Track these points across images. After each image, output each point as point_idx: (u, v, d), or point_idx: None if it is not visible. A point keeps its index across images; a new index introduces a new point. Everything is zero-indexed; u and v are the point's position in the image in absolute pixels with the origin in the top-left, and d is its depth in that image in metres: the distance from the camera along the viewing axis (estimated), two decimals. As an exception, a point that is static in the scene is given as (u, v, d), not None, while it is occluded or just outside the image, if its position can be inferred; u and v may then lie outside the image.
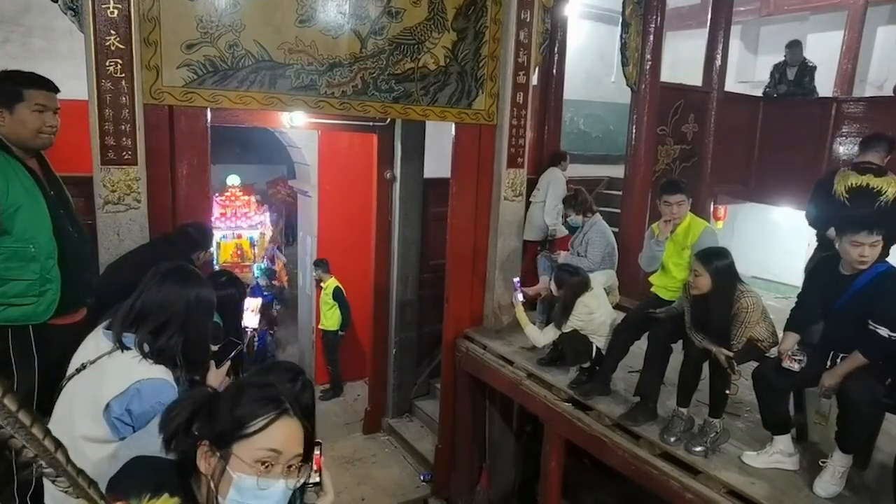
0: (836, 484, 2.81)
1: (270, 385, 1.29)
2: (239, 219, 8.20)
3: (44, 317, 2.39)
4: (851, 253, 2.78)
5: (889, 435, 3.21)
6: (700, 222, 3.70)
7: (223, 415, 1.24)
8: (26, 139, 2.46)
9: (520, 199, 4.94)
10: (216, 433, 1.24)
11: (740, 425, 3.57)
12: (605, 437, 3.63)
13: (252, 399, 1.25)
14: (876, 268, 2.77)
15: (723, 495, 3.04)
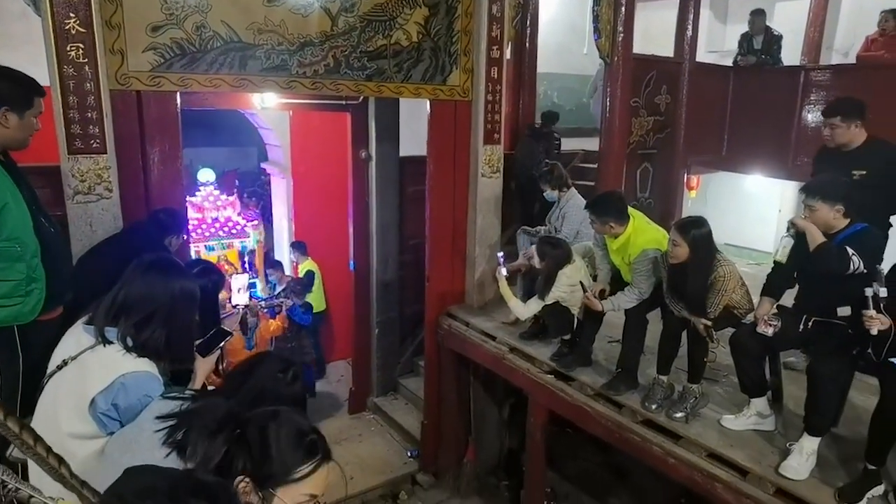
0: (804, 466, 2.88)
1: (311, 431, 1.38)
2: (223, 226, 7.06)
3: (30, 316, 2.34)
4: None
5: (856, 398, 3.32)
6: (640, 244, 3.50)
7: (270, 458, 1.30)
8: (21, 142, 2.44)
9: (497, 175, 4.94)
10: (262, 475, 1.29)
11: (718, 390, 3.68)
12: (587, 407, 3.71)
13: (297, 445, 1.33)
14: (853, 227, 2.84)
15: (703, 458, 3.14)
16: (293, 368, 1.74)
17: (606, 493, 5.14)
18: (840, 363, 2.87)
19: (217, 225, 7.12)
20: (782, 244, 3.04)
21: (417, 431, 5.61)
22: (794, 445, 2.96)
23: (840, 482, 2.81)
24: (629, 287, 3.57)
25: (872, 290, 2.57)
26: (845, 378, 2.93)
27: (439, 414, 5.28)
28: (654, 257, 3.47)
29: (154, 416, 1.60)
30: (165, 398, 1.69)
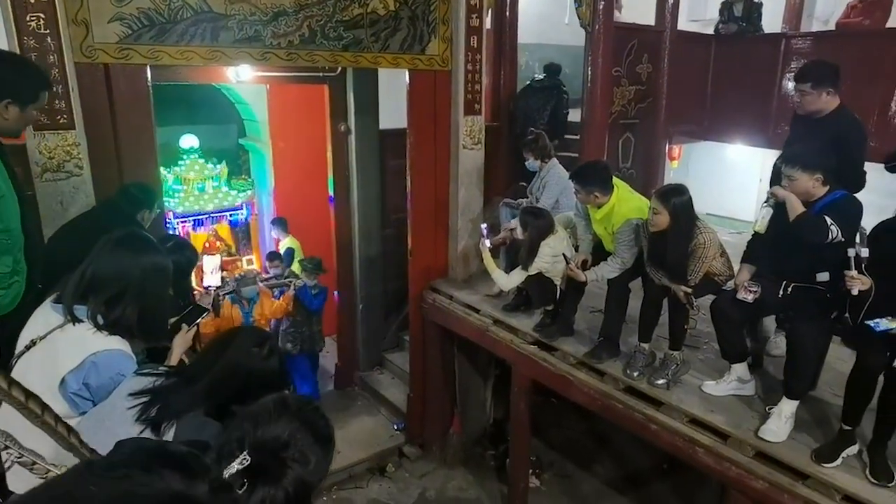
0: (783, 429, 2.94)
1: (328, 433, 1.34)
2: (208, 201, 6.60)
3: (9, 308, 2.30)
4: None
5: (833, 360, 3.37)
6: (624, 213, 3.52)
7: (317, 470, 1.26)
8: (15, 132, 2.40)
9: (479, 146, 4.88)
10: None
11: (699, 356, 3.72)
12: (570, 376, 3.74)
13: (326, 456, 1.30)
14: (833, 195, 2.85)
15: (685, 424, 3.19)
16: (269, 342, 1.71)
17: (590, 460, 5.23)
18: (818, 328, 2.91)
19: (205, 197, 6.62)
20: (762, 214, 3.04)
21: (403, 405, 5.64)
22: (774, 409, 3.01)
23: (817, 443, 2.87)
24: (612, 257, 3.57)
25: (854, 251, 2.60)
26: (823, 342, 2.97)
27: (425, 387, 5.31)
28: (636, 227, 3.47)
29: (127, 392, 1.57)
30: (138, 374, 1.66)
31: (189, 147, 6.59)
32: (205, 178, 6.48)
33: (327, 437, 1.29)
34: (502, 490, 4.90)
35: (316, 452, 1.23)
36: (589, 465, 5.20)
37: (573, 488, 4.99)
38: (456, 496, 4.63)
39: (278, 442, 1.19)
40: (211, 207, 6.65)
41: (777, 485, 2.80)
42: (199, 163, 6.69)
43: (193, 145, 6.61)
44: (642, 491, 4.83)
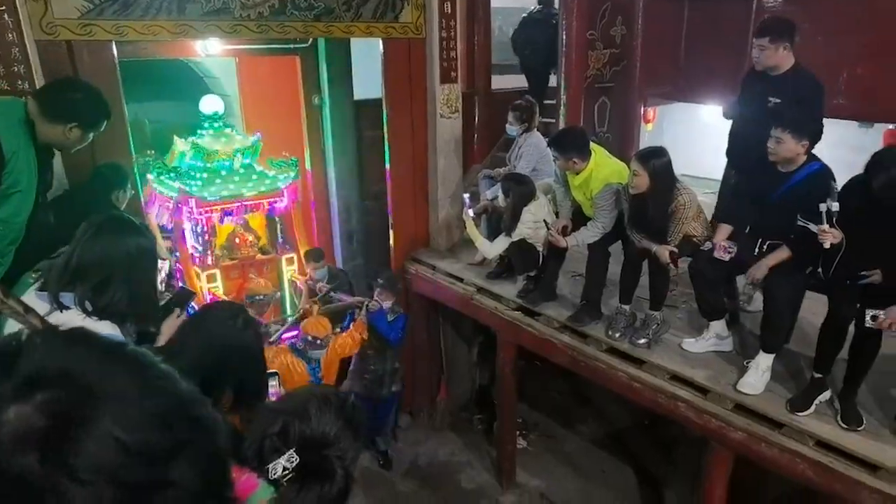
0: (760, 381, 3.06)
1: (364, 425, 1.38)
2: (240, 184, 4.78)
3: None
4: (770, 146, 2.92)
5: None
6: (602, 178, 3.54)
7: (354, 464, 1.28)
8: (68, 148, 2.61)
9: (456, 115, 4.86)
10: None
11: (679, 315, 3.82)
12: (554, 340, 3.82)
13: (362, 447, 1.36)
14: (810, 166, 2.91)
15: (666, 381, 3.29)
16: (242, 314, 1.72)
17: (575, 419, 5.37)
18: (793, 283, 3.00)
19: (236, 179, 4.76)
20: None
21: (390, 375, 5.70)
22: (751, 363, 3.12)
23: (792, 394, 2.99)
24: (591, 222, 3.62)
25: (826, 206, 2.67)
26: (798, 297, 3.06)
27: (412, 356, 5.36)
28: (615, 191, 3.50)
29: None
30: None
31: (213, 112, 4.91)
32: (233, 154, 4.81)
33: (361, 425, 1.32)
34: (491, 453, 5.02)
35: (355, 449, 1.26)
36: (573, 425, 5.34)
37: (559, 447, 5.13)
38: (447, 461, 4.74)
39: (326, 440, 1.21)
40: (247, 193, 4.81)
41: (755, 435, 2.92)
42: (226, 133, 4.93)
43: (218, 110, 4.94)
44: (626, 447, 4.99)
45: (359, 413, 1.32)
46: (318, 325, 3.68)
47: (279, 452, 1.15)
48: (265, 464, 1.14)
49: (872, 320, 2.57)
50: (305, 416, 1.22)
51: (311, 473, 1.17)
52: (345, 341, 3.96)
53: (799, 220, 2.84)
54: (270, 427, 1.21)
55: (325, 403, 1.26)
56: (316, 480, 1.17)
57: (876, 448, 2.67)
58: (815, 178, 2.87)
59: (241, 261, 4.91)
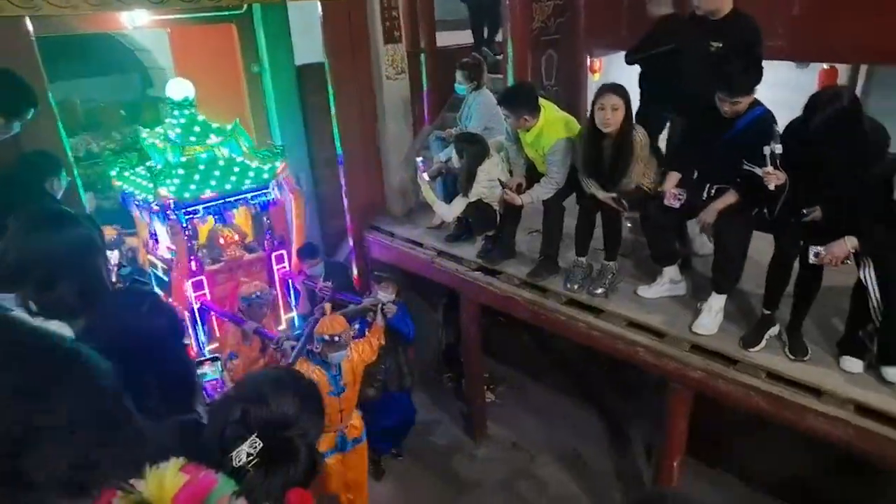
0: (714, 322, 3.18)
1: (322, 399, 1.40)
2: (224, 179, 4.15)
3: None
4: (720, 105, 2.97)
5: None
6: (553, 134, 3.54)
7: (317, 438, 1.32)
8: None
9: (403, 76, 4.76)
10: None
11: (633, 264, 3.91)
12: (515, 296, 3.88)
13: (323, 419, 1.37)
14: (754, 111, 2.97)
15: (625, 328, 3.40)
16: (149, 299, 1.67)
17: (540, 370, 5.52)
18: (741, 225, 3.11)
19: (216, 174, 4.14)
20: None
21: (356, 343, 5.70)
22: (704, 305, 3.24)
23: (744, 331, 3.12)
24: (545, 178, 3.64)
25: (770, 149, 2.75)
26: (746, 238, 3.17)
27: (376, 323, 5.37)
28: (567, 145, 3.52)
29: None
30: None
31: (183, 98, 4.18)
32: (210, 146, 4.15)
33: (322, 409, 1.31)
34: (462, 408, 5.13)
35: (316, 424, 1.26)
36: (539, 375, 5.49)
37: (527, 398, 5.28)
38: (419, 420, 4.81)
39: (287, 420, 1.20)
40: (232, 188, 4.19)
41: (711, 372, 3.06)
42: (200, 120, 4.29)
43: (188, 95, 4.20)
44: (589, 392, 5.17)
45: (315, 389, 1.32)
46: (334, 322, 3.33)
47: (241, 439, 1.14)
48: (228, 452, 1.14)
49: (815, 257, 2.69)
50: (263, 399, 1.21)
51: (275, 456, 1.17)
52: (363, 349, 3.61)
53: (745, 164, 2.92)
54: (229, 415, 1.20)
55: (280, 384, 1.26)
56: (281, 462, 1.17)
57: (820, 375, 2.83)
58: (758, 123, 2.93)
59: (227, 263, 4.32)
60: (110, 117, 7.02)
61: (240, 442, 1.14)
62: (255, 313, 3.81)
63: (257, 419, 1.18)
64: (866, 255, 2.64)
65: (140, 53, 6.52)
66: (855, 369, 2.81)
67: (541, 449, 4.68)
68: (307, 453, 1.21)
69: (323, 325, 3.31)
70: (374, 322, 3.75)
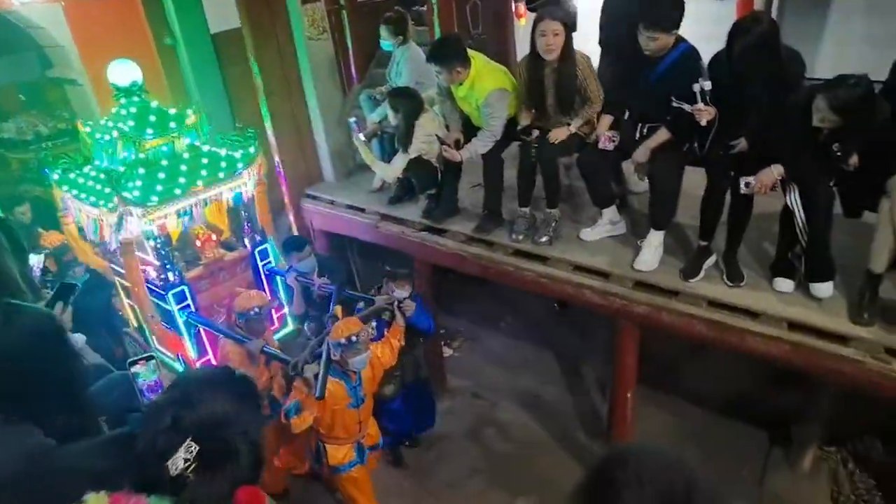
0: (654, 257, 3.30)
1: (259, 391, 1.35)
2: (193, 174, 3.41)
3: None
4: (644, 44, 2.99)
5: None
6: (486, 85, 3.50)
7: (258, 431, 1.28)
8: None
9: (325, 35, 4.58)
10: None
11: (573, 208, 3.98)
12: (463, 253, 3.90)
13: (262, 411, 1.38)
14: (678, 48, 3.01)
15: (571, 272, 3.48)
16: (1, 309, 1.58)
17: (492, 320, 5.63)
18: (674, 161, 3.19)
19: (183, 168, 3.42)
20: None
21: (309, 314, 5.64)
22: (644, 242, 3.35)
23: (683, 264, 3.25)
24: (482, 131, 3.61)
25: (699, 86, 2.81)
26: (679, 173, 3.26)
27: (326, 293, 5.32)
28: (501, 94, 3.50)
29: None
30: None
31: (130, 83, 3.54)
32: (170, 138, 3.50)
33: (255, 396, 1.28)
34: (421, 367, 5.18)
35: (256, 419, 1.23)
36: (492, 325, 5.60)
37: (483, 348, 5.39)
38: (380, 384, 4.85)
39: (220, 419, 1.16)
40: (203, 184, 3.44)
41: (655, 306, 3.19)
42: (154, 107, 3.58)
43: (136, 79, 3.56)
44: (542, 335, 5.32)
45: (251, 384, 1.28)
46: (348, 324, 3.03)
47: (176, 446, 1.11)
48: (164, 461, 1.10)
49: (746, 187, 2.81)
50: (193, 401, 1.17)
51: (214, 458, 1.14)
52: (383, 352, 3.33)
53: (673, 101, 2.99)
54: (159, 422, 1.15)
55: (211, 383, 1.22)
56: (221, 462, 1.14)
57: (756, 297, 3.00)
58: (684, 60, 2.99)
59: (207, 266, 3.74)
60: (8, 101, 6.47)
61: (174, 449, 1.10)
62: (253, 328, 3.34)
63: (190, 423, 1.13)
64: (791, 180, 2.77)
65: (34, 31, 5.99)
66: (787, 289, 2.99)
67: (502, 396, 4.82)
68: (249, 450, 1.17)
69: (337, 329, 3.00)
70: (394, 322, 3.42)
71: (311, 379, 2.90)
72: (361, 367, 3.07)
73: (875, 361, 2.63)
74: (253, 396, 1.26)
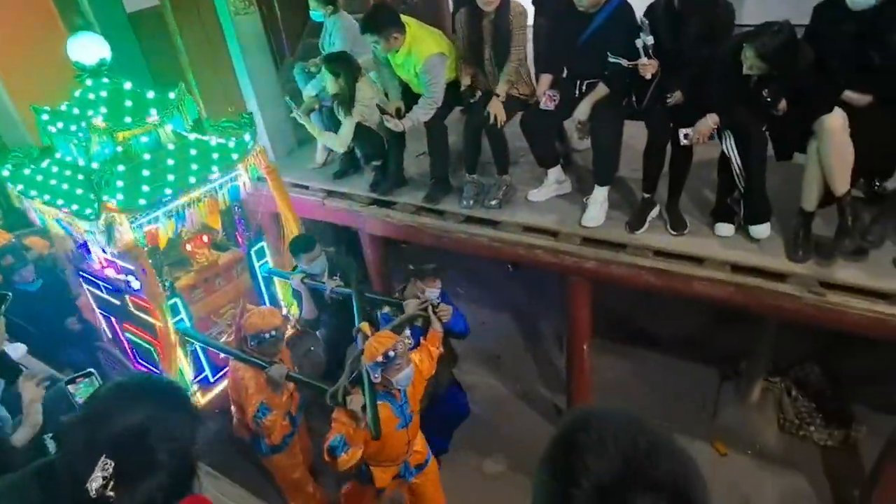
0: (600, 213, 3.36)
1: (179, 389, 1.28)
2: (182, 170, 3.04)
3: None
4: None
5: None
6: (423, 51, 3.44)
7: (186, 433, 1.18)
8: None
9: (253, 9, 4.37)
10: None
11: (519, 170, 3.99)
12: (414, 224, 3.88)
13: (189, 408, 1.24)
14: (612, 2, 3.01)
15: (522, 234, 3.52)
16: None
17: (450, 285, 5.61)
18: (613, 116, 3.23)
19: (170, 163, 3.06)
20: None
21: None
22: (590, 198, 3.40)
23: (629, 217, 3.33)
24: (422, 98, 3.56)
25: (642, 41, 2.83)
26: (619, 128, 3.31)
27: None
28: (439, 59, 3.44)
29: None
30: None
31: (98, 62, 3.10)
32: (153, 126, 3.06)
33: (182, 400, 1.19)
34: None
35: (179, 420, 1.14)
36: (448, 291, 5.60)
37: (442, 316, 5.41)
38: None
39: (137, 430, 1.08)
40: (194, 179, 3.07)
41: (604, 260, 3.27)
42: (129, 90, 3.13)
43: (104, 57, 3.12)
44: (498, 297, 5.38)
45: (171, 385, 1.21)
46: (381, 339, 2.64)
47: (92, 466, 1.04)
48: (84, 483, 1.03)
49: (685, 138, 2.88)
50: (107, 415, 1.09)
51: (133, 471, 1.06)
52: (422, 362, 2.92)
53: (610, 56, 3.01)
54: (74, 444, 1.09)
55: (122, 393, 1.14)
56: (142, 475, 1.07)
57: (700, 244, 3.12)
58: (618, 14, 3.00)
59: (199, 272, 3.39)
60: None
61: (90, 470, 1.03)
62: (266, 351, 2.98)
63: (105, 439, 1.06)
64: (726, 128, 2.85)
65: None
66: (727, 233, 3.11)
67: (463, 359, 4.85)
68: (175, 459, 1.10)
69: (370, 349, 2.60)
70: (432, 329, 3.03)
71: (357, 412, 2.52)
72: (407, 383, 2.67)
73: (811, 295, 2.78)
74: (179, 401, 1.18)
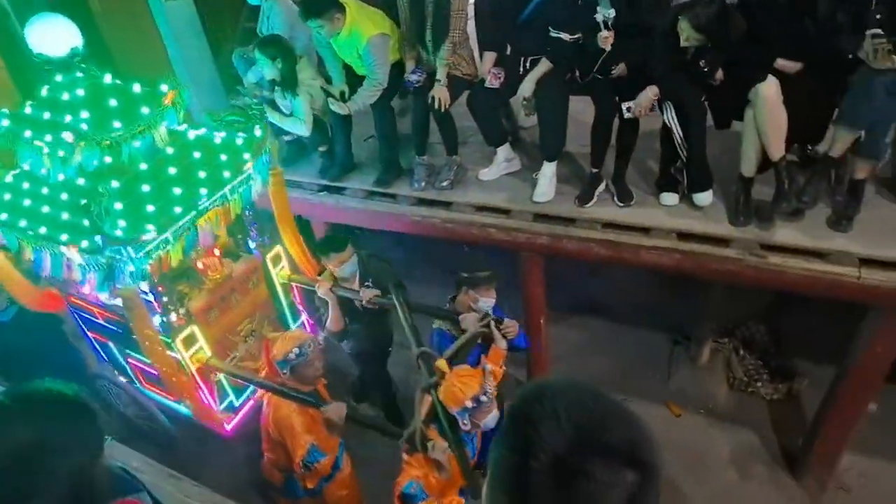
0: (550, 189, 3.39)
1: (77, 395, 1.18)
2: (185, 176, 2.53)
3: None
4: None
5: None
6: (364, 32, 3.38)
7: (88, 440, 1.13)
8: None
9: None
10: None
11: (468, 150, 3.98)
12: (367, 209, 3.84)
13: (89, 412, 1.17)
14: None
15: (474, 213, 3.53)
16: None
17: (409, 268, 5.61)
18: (557, 92, 3.26)
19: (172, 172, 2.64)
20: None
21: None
22: (539, 174, 3.43)
23: (578, 191, 3.37)
24: (366, 80, 3.51)
25: (602, 16, 2.85)
26: (564, 103, 3.33)
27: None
28: (381, 40, 3.39)
29: None
30: None
31: (70, 51, 2.52)
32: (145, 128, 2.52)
33: (80, 408, 1.12)
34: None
35: (78, 429, 1.09)
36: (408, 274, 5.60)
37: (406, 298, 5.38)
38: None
39: (21, 453, 1.01)
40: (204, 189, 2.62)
41: (555, 235, 3.32)
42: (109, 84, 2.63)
43: (76, 45, 2.54)
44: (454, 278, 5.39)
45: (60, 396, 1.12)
46: (467, 381, 2.29)
47: None
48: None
49: (629, 111, 2.93)
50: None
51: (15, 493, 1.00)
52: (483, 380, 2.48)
53: (551, 31, 3.02)
54: None
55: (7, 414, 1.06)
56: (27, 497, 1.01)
57: (646, 214, 3.20)
58: None
59: (213, 291, 3.03)
60: None
61: None
62: (302, 375, 2.62)
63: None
64: (666, 99, 2.91)
65: None
66: (672, 202, 3.19)
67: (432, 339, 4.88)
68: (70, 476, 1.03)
69: (454, 394, 2.27)
70: (494, 347, 2.72)
71: (443, 462, 2.22)
72: (493, 424, 2.32)
73: (753, 257, 2.89)
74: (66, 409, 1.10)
